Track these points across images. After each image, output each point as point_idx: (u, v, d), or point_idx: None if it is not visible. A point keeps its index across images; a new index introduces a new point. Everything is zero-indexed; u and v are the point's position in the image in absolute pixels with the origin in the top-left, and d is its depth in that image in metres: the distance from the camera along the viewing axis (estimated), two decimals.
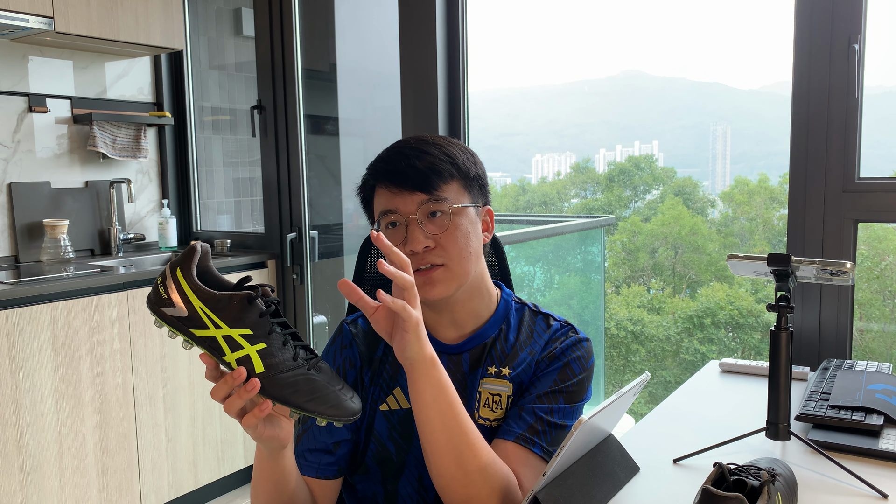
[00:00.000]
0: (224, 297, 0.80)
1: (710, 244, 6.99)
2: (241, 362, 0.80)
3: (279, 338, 0.82)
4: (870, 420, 1.18)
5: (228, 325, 0.80)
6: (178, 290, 0.80)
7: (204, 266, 0.84)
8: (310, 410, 0.82)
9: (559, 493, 0.91)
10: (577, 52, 25.47)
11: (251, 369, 0.80)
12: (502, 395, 1.07)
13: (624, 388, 0.98)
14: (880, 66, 1.89)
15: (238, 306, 0.80)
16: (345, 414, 0.83)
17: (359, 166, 3.27)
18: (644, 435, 1.26)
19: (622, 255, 7.33)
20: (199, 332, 0.80)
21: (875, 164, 1.85)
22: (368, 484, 1.11)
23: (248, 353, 0.80)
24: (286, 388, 0.81)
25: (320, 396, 0.82)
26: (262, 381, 0.80)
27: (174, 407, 2.67)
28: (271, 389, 0.81)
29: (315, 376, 0.83)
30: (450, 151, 1.06)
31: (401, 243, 1.03)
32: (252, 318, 0.80)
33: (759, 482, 0.83)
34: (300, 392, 0.81)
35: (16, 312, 2.21)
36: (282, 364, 0.81)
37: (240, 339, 0.80)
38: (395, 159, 1.05)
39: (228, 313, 0.79)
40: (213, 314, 0.80)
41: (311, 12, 3.01)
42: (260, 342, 0.80)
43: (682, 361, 6.34)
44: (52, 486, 2.31)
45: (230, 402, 0.82)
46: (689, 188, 7.69)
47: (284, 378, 0.81)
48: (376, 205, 1.08)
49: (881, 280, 5.12)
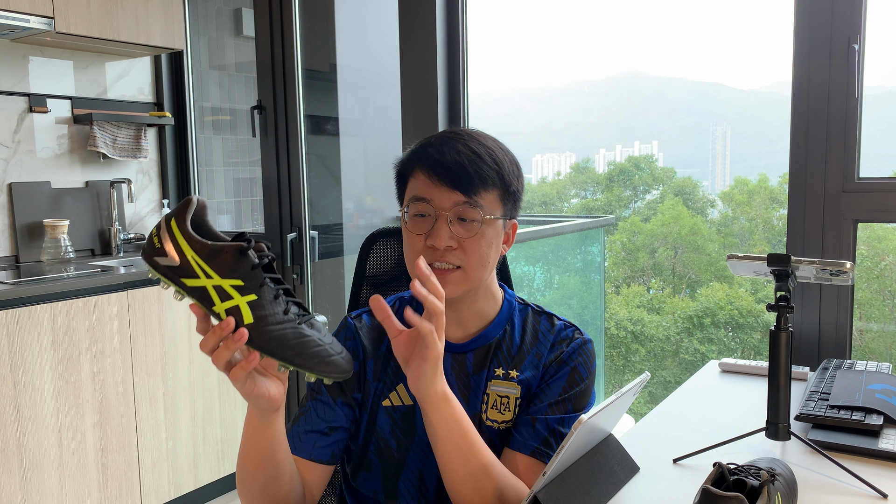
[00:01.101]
0: (216, 247, 0.79)
1: (710, 244, 6.99)
2: (231, 313, 0.79)
3: (270, 291, 0.81)
4: (869, 420, 1.18)
5: (220, 275, 0.79)
6: (172, 239, 0.80)
7: (200, 219, 0.84)
8: (298, 364, 0.81)
9: (559, 493, 0.91)
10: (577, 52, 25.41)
11: (240, 320, 0.79)
12: (510, 396, 1.08)
13: (624, 388, 0.98)
14: (880, 67, 1.89)
15: (230, 257, 0.79)
16: (335, 371, 0.82)
17: (359, 166, 3.27)
18: (644, 435, 1.26)
19: (622, 255, 7.33)
20: (190, 281, 0.79)
21: (875, 164, 1.85)
22: (370, 482, 1.11)
23: (237, 303, 0.79)
24: (274, 341, 0.80)
25: (310, 352, 0.81)
26: (251, 332, 0.79)
27: (174, 407, 2.67)
28: (259, 341, 0.80)
29: (306, 331, 0.82)
30: (498, 159, 1.05)
31: (423, 234, 1.03)
32: (244, 270, 0.79)
33: (758, 482, 0.83)
34: (288, 346, 0.80)
35: (16, 312, 2.21)
36: (271, 317, 0.80)
37: (230, 289, 0.79)
38: (445, 151, 1.03)
39: (220, 263, 0.79)
40: (204, 264, 0.79)
41: (312, 12, 3.01)
42: (250, 294, 0.79)
43: (682, 361, 6.34)
44: (53, 486, 2.31)
45: (218, 353, 0.80)
46: (689, 188, 7.69)
47: (273, 330, 0.80)
48: (411, 186, 1.07)
49: (881, 280, 5.12)
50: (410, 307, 1.10)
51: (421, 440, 1.07)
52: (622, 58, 20.60)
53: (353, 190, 3.25)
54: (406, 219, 1.06)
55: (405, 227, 1.07)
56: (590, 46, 26.94)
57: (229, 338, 0.79)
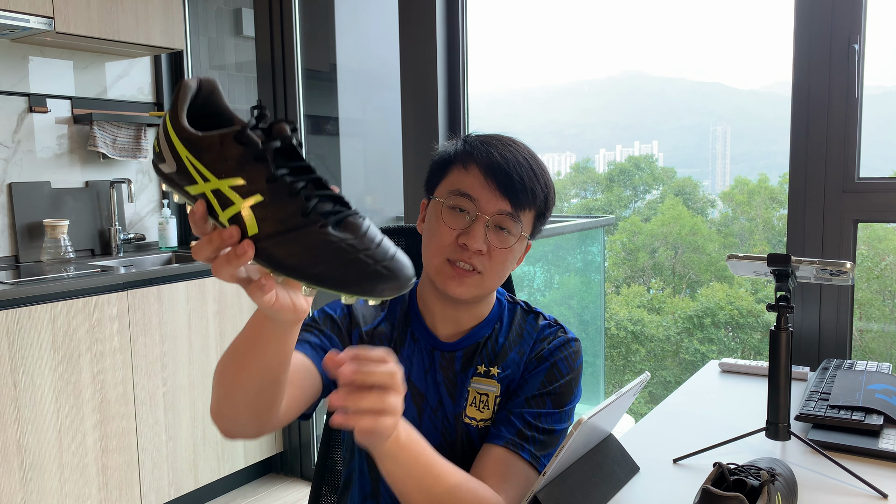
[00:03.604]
0: (207, 137, 0.60)
1: (710, 244, 6.98)
2: (234, 223, 0.61)
3: (284, 187, 0.60)
4: (869, 420, 1.18)
5: (216, 173, 0.60)
6: (167, 138, 0.62)
7: (215, 104, 0.65)
8: (324, 284, 0.59)
9: (559, 493, 0.91)
10: (577, 52, 25.44)
11: (245, 231, 0.60)
12: (490, 395, 1.07)
13: (624, 388, 0.98)
14: (880, 67, 1.89)
15: (223, 147, 0.60)
16: (379, 288, 0.60)
17: (359, 166, 3.27)
18: (644, 435, 1.26)
19: (622, 255, 7.32)
20: (192, 188, 0.62)
21: (875, 164, 1.85)
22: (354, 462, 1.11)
23: (238, 209, 0.60)
24: (289, 255, 0.60)
25: (341, 261, 0.59)
26: (258, 245, 0.60)
27: (174, 407, 2.67)
28: (269, 256, 0.60)
29: (334, 235, 0.60)
30: (550, 183, 1.05)
31: (457, 230, 1.01)
32: (244, 164, 0.60)
33: (758, 482, 0.83)
34: (309, 259, 0.59)
35: (16, 312, 2.21)
36: (285, 221, 0.60)
37: (229, 191, 0.60)
38: (508, 157, 1.01)
39: (214, 159, 0.60)
40: (197, 163, 0.61)
41: (312, 12, 3.01)
42: (254, 194, 0.60)
43: (682, 361, 6.34)
44: (53, 486, 2.31)
45: (217, 266, 0.62)
46: (689, 188, 7.69)
47: (286, 240, 0.60)
48: (457, 178, 1.03)
49: (881, 280, 5.12)
50: (409, 316, 1.08)
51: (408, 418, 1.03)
52: (622, 58, 20.60)
53: (353, 190, 3.25)
54: (441, 209, 1.03)
55: (437, 217, 1.03)
56: (590, 46, 26.92)
57: (231, 251, 0.61)
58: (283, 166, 0.61)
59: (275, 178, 0.60)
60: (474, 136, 1.06)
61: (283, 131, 0.61)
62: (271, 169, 0.60)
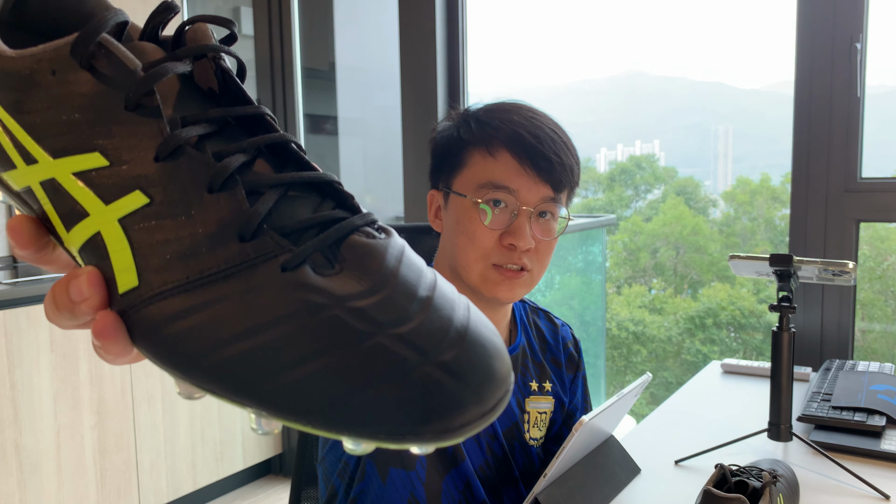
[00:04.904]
0: (22, 59, 0.28)
1: (712, 244, 6.98)
2: (89, 257, 0.30)
3: (198, 169, 0.27)
4: (872, 421, 1.17)
5: (47, 147, 0.28)
6: None
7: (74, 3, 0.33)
8: (296, 416, 0.25)
9: (560, 495, 0.90)
10: (578, 52, 25.39)
11: (110, 279, 0.29)
12: (547, 412, 1.05)
13: (625, 390, 0.97)
14: (882, 66, 1.88)
15: (62, 84, 0.27)
16: (436, 420, 0.24)
17: (358, 166, 3.27)
18: (645, 436, 1.25)
19: (623, 255, 7.32)
20: (11, 176, 0.30)
21: (877, 163, 1.84)
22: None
23: (95, 228, 0.28)
24: (206, 342, 0.26)
25: (341, 360, 0.24)
26: (133, 316, 0.28)
27: (172, 408, 2.66)
28: (154, 346, 0.28)
29: (317, 284, 0.26)
30: (576, 151, 0.92)
31: (498, 230, 0.87)
32: (104, 118, 0.27)
33: (760, 483, 0.82)
34: (256, 352, 0.25)
35: (14, 312, 2.20)
36: (200, 254, 0.26)
37: (73, 185, 0.28)
38: (536, 132, 0.86)
39: (40, 109, 0.28)
40: (10, 119, 0.28)
41: (311, 11, 3.01)
42: (128, 192, 0.27)
43: (684, 362, 6.33)
44: (51, 488, 2.30)
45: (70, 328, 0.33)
46: (691, 188, 7.68)
47: (204, 300, 0.26)
48: (485, 167, 0.87)
49: (883, 280, 5.11)
50: None
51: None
52: (623, 57, 20.62)
53: (353, 189, 3.23)
54: (475, 208, 0.87)
55: (471, 218, 0.87)
56: (590, 46, 26.93)
57: (93, 327, 0.29)
58: (197, 120, 0.28)
59: (175, 149, 0.27)
60: (482, 110, 0.91)
61: (203, 36, 0.30)
62: (165, 127, 0.27)
